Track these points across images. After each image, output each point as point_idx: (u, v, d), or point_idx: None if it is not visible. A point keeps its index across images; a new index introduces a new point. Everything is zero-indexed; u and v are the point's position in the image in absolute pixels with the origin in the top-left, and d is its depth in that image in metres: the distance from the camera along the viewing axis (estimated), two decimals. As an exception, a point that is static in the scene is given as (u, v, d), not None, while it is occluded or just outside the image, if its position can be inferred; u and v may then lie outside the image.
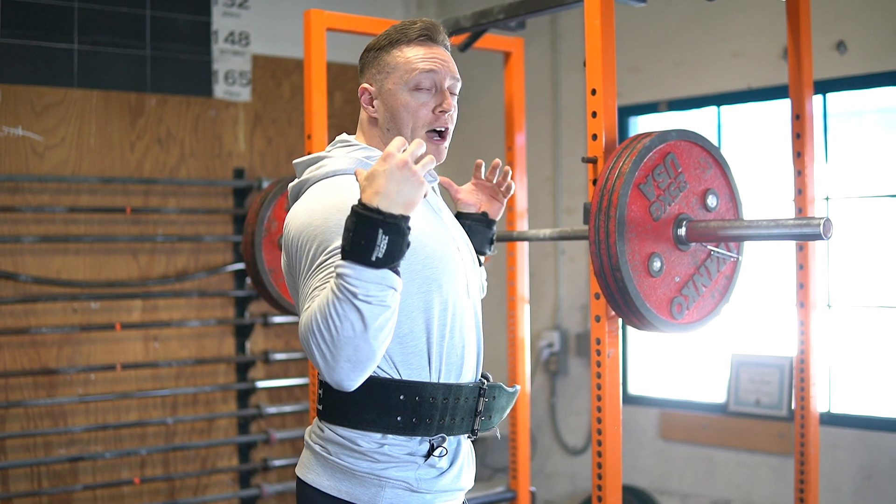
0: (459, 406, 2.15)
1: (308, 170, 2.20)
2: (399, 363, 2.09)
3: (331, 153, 2.22)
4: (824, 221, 2.48)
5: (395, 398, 2.07)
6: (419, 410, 2.09)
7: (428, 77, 2.20)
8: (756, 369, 5.17)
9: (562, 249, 6.01)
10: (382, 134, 2.24)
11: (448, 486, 2.16)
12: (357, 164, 2.17)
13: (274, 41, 5.96)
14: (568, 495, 5.94)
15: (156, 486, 5.46)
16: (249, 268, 3.98)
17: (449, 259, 2.17)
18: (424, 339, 2.11)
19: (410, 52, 2.21)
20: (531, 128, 5.38)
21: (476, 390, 2.18)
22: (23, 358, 5.08)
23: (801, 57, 3.30)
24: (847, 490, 4.76)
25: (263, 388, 5.78)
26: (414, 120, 2.20)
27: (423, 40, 2.22)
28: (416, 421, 2.09)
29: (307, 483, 2.15)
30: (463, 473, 2.21)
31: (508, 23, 3.60)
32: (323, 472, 2.13)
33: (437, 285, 2.12)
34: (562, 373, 5.97)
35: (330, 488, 2.11)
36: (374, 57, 2.25)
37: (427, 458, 2.12)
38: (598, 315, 2.79)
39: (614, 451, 2.78)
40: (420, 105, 2.19)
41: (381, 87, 2.22)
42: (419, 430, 2.10)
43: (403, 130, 2.20)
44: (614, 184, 2.61)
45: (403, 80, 2.19)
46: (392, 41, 2.22)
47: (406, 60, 2.20)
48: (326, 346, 1.84)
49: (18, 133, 5.10)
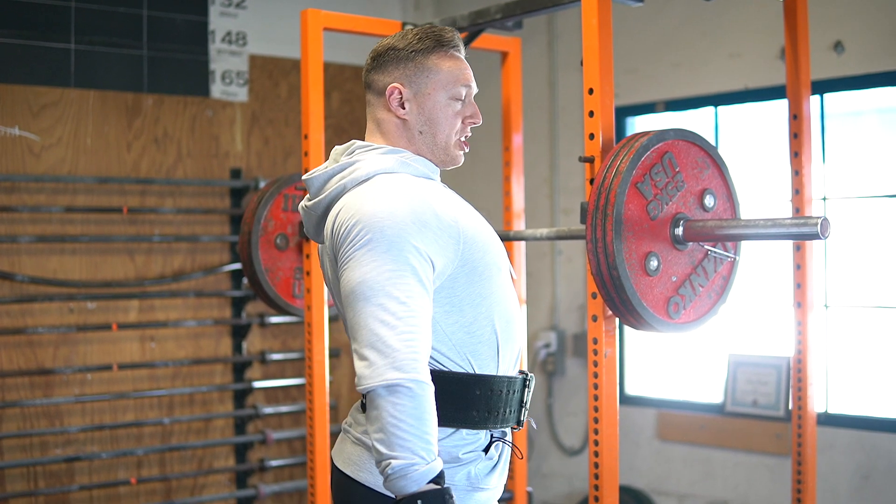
0: (513, 398, 2.20)
1: (338, 176, 2.18)
2: (472, 356, 2.13)
3: (359, 157, 2.19)
4: (822, 221, 2.48)
5: (472, 393, 2.11)
6: (489, 404, 2.13)
7: (465, 89, 2.26)
8: (753, 369, 5.17)
9: (559, 250, 6.01)
10: (412, 136, 2.25)
11: (496, 484, 2.20)
12: (397, 165, 2.17)
13: (271, 41, 5.95)
14: (565, 496, 5.94)
15: (152, 486, 5.45)
16: (246, 268, 3.98)
17: (500, 249, 2.23)
18: (491, 329, 2.15)
19: (450, 61, 2.25)
20: (528, 128, 5.38)
21: (523, 382, 2.23)
22: (19, 358, 5.07)
23: (799, 57, 3.30)
24: (844, 490, 4.76)
25: (260, 388, 5.77)
26: (450, 128, 2.25)
27: (456, 51, 2.27)
28: (488, 415, 2.14)
29: (359, 482, 2.13)
30: (505, 470, 2.25)
31: (505, 22, 3.59)
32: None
33: (497, 269, 2.19)
34: (559, 373, 5.97)
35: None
36: (407, 58, 2.24)
37: (487, 452, 2.16)
38: (595, 315, 2.79)
39: (611, 452, 2.78)
40: (457, 114, 2.26)
41: (420, 90, 2.23)
42: (489, 424, 2.15)
43: (438, 136, 2.24)
44: (611, 183, 2.61)
45: (445, 88, 2.23)
46: (429, 47, 2.24)
47: (449, 69, 2.24)
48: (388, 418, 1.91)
49: (15, 133, 5.09)
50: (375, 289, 1.96)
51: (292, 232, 4.01)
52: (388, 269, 1.97)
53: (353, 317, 1.98)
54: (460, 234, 2.09)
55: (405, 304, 1.95)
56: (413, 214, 2.02)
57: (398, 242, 1.98)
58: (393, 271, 1.97)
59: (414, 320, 1.94)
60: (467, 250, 2.10)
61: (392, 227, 1.99)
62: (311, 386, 3.71)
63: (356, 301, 1.97)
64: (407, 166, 2.17)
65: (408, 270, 1.98)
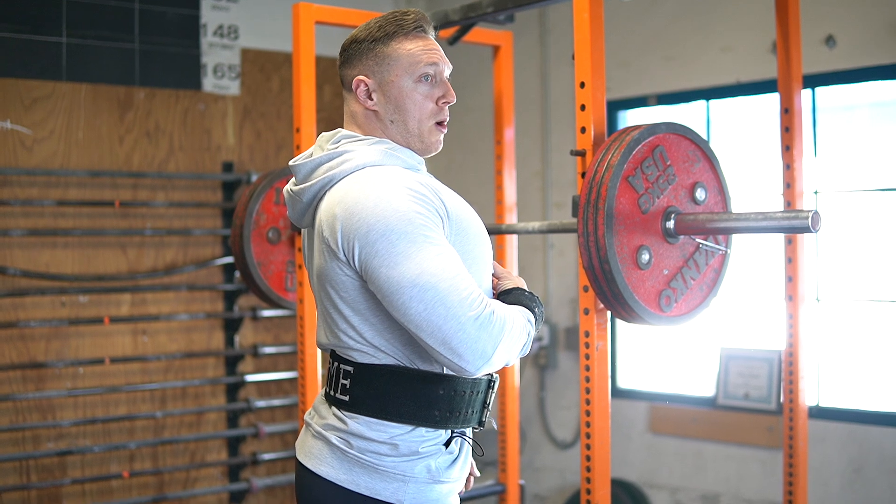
0: (476, 399, 2.19)
1: (326, 166, 2.17)
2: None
3: (346, 148, 2.19)
4: (812, 214, 2.49)
5: (436, 392, 2.11)
6: (452, 404, 2.13)
7: (431, 69, 2.22)
8: (745, 363, 5.18)
9: (551, 243, 6.01)
10: (385, 126, 2.23)
11: (457, 476, 2.20)
12: (383, 156, 2.16)
13: (263, 35, 5.95)
14: (557, 489, 5.95)
15: (145, 479, 5.45)
16: (238, 261, 3.98)
17: (488, 243, 2.24)
18: None
19: (410, 44, 2.22)
20: (520, 122, 5.38)
21: (487, 383, 2.22)
22: (11, 352, 5.06)
23: (790, 51, 3.30)
24: (836, 483, 4.78)
25: (252, 381, 5.77)
26: (420, 111, 2.22)
27: (419, 32, 2.24)
28: (449, 415, 2.14)
29: (320, 476, 2.14)
30: (466, 463, 2.25)
31: (497, 16, 3.59)
32: (339, 466, 2.12)
33: (485, 264, 2.22)
34: (551, 367, 5.98)
35: (347, 482, 2.11)
36: (368, 49, 2.23)
37: (447, 446, 2.16)
38: (586, 308, 2.79)
39: (603, 445, 2.78)
40: (425, 97, 2.22)
41: (383, 79, 2.21)
42: (450, 424, 2.14)
43: (409, 122, 2.22)
44: (603, 176, 2.61)
45: (408, 73, 2.20)
46: (388, 33, 2.21)
47: (409, 52, 2.21)
48: (506, 346, 2.02)
49: (7, 126, 5.08)
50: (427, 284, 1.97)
51: (284, 226, 4.01)
52: (416, 261, 1.98)
53: (417, 316, 1.98)
54: (452, 220, 2.11)
55: (451, 274, 1.99)
56: (414, 203, 2.02)
57: (411, 231, 1.99)
58: (423, 259, 1.98)
59: (459, 280, 1.99)
60: (458, 239, 2.12)
61: (400, 221, 1.99)
62: (304, 379, 3.72)
63: (412, 303, 1.97)
64: (395, 158, 2.17)
65: (428, 248, 1.99)
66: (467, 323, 1.95)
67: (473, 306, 1.96)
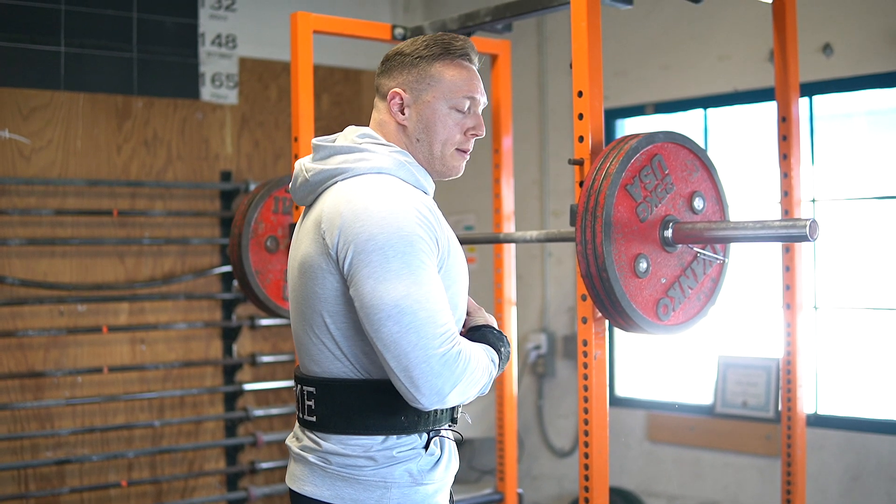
0: None
1: (343, 157, 2.18)
2: None
3: (368, 147, 2.19)
4: (810, 223, 2.49)
5: (397, 399, 2.09)
6: (417, 408, 2.11)
7: (468, 101, 2.24)
8: (743, 371, 5.18)
9: (549, 252, 6.01)
10: (410, 143, 2.24)
11: (442, 477, 2.20)
12: (399, 167, 2.17)
13: (261, 44, 5.95)
14: (555, 497, 5.94)
15: (143, 488, 5.45)
16: (236, 270, 3.97)
17: (467, 283, 2.27)
18: None
19: (454, 70, 2.24)
20: (518, 130, 5.38)
21: None
22: (9, 360, 5.06)
23: (788, 59, 3.31)
24: (834, 491, 4.77)
25: (250, 390, 5.77)
26: (447, 137, 2.24)
27: (464, 59, 2.27)
28: (417, 418, 2.14)
29: (304, 496, 2.16)
30: (451, 463, 2.25)
31: (495, 25, 3.60)
32: (322, 483, 2.14)
33: (459, 304, 2.23)
34: (549, 375, 5.98)
35: (331, 497, 2.12)
36: (412, 64, 2.23)
37: (427, 448, 2.16)
38: (584, 317, 2.79)
39: (601, 453, 2.79)
40: (456, 124, 2.24)
41: (419, 97, 2.22)
42: (420, 427, 2.14)
43: (434, 145, 2.23)
44: (601, 185, 2.62)
45: (446, 97, 2.22)
46: (434, 54, 2.23)
47: (452, 78, 2.23)
48: (463, 387, 2.03)
49: (5, 136, 5.08)
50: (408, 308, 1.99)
51: (282, 234, 4.01)
52: (405, 284, 1.99)
53: (388, 336, 1.99)
54: (443, 252, 2.12)
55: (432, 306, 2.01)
56: (419, 227, 2.03)
57: (409, 253, 2.00)
58: (412, 283, 2.00)
59: (439, 314, 2.01)
60: (444, 273, 2.14)
61: (402, 241, 2.01)
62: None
63: (388, 321, 1.99)
64: (410, 173, 2.18)
65: (421, 273, 2.01)
66: (433, 357, 1.96)
67: (444, 343, 1.98)
